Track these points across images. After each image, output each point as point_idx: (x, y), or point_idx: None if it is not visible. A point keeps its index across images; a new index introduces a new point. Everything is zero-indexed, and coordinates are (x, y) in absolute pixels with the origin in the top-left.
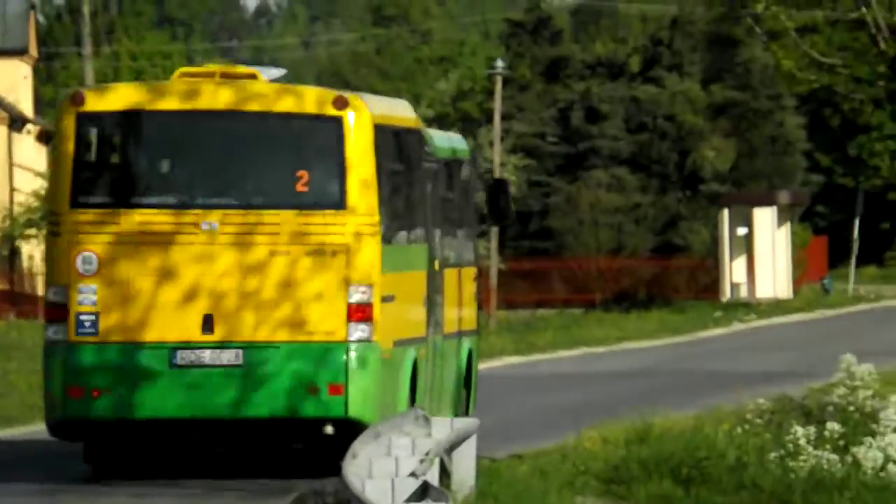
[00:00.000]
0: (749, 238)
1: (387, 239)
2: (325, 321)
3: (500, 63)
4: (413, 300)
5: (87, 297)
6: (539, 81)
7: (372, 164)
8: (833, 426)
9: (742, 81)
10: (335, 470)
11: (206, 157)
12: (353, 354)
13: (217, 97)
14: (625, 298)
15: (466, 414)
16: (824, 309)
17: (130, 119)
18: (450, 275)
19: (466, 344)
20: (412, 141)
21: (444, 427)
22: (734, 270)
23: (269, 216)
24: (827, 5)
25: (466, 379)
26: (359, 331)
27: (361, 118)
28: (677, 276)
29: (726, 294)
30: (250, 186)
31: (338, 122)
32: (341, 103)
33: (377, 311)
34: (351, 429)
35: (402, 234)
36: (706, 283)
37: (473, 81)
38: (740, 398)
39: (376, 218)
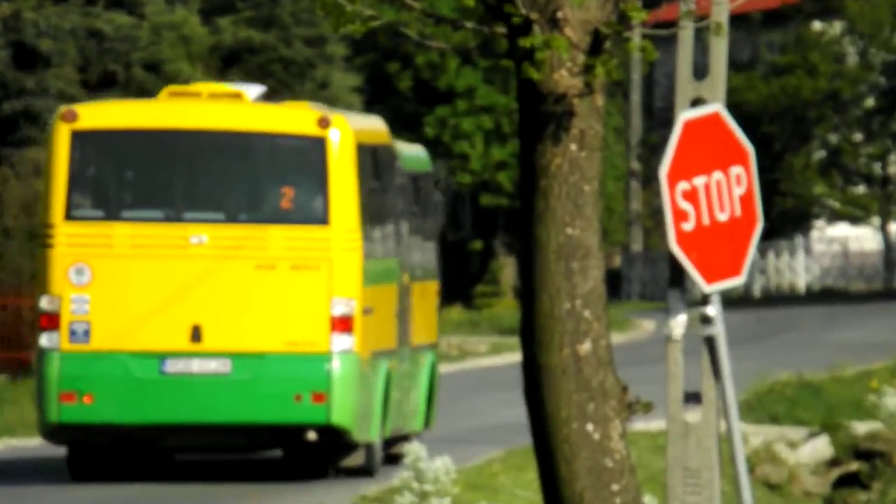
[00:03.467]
0: None
1: (366, 253)
2: (310, 332)
3: None
4: (388, 313)
5: (80, 306)
6: None
7: (354, 181)
8: None
9: (265, 14)
10: (315, 475)
11: (195, 173)
12: (335, 364)
13: (205, 116)
14: None
15: (427, 426)
16: None
17: (122, 137)
18: (416, 288)
19: (430, 356)
20: (387, 157)
21: None
22: None
23: (256, 230)
24: None
25: (430, 391)
26: (341, 342)
27: (344, 137)
28: None
29: None
30: (238, 202)
31: (321, 142)
32: (325, 123)
33: (358, 323)
34: (332, 434)
35: (379, 249)
36: None
37: None
38: None
39: (358, 233)
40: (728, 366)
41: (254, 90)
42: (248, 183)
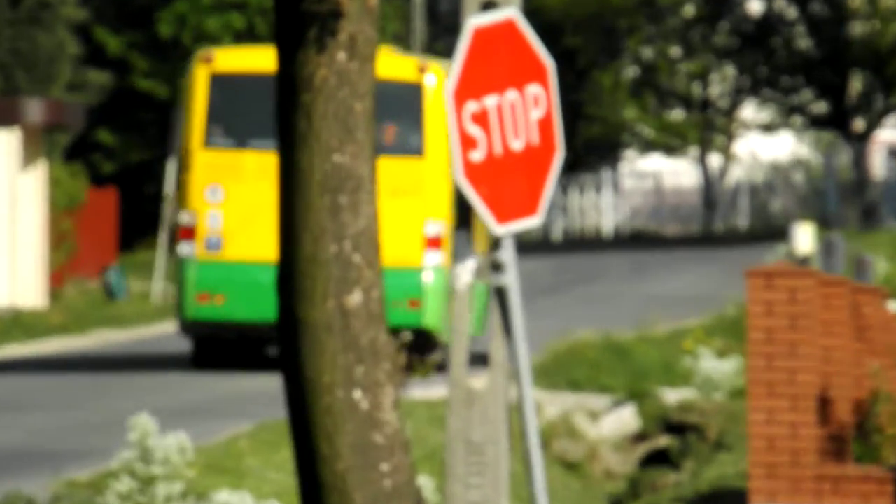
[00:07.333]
0: None
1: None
2: (407, 249)
3: None
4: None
5: (214, 221)
6: None
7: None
8: None
9: None
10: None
11: None
12: (428, 276)
13: None
14: None
15: (482, 332)
16: (109, 328)
17: (251, 78)
18: None
19: None
20: None
21: None
22: None
23: None
24: None
25: (485, 300)
26: (433, 257)
27: (439, 81)
28: None
29: None
30: None
31: (419, 86)
32: (423, 70)
33: (447, 242)
34: (424, 336)
35: None
36: None
37: None
38: None
39: (448, 164)
40: (521, 322)
41: None
42: None
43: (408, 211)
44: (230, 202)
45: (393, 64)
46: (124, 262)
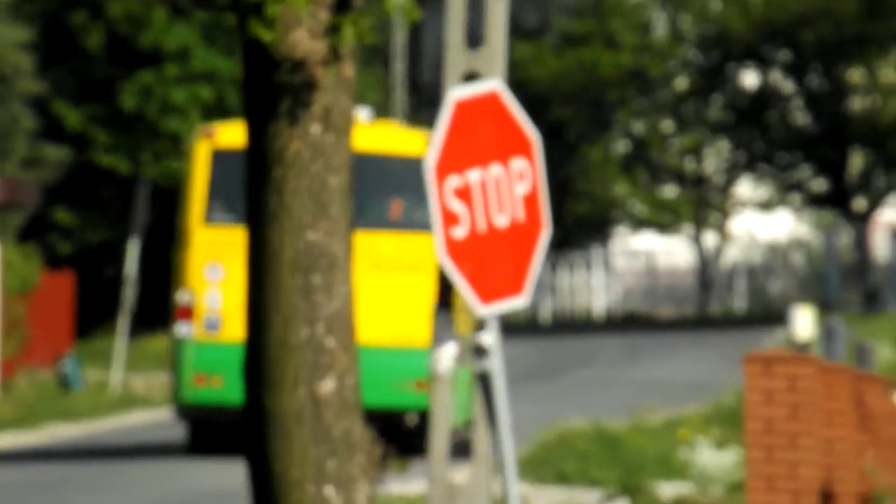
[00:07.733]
0: None
1: None
2: (413, 327)
3: None
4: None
5: (213, 300)
6: None
7: None
8: None
9: None
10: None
11: None
12: None
13: None
14: None
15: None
16: (64, 422)
17: None
18: None
19: None
20: None
21: None
22: None
23: (370, 236)
24: None
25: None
26: None
27: None
28: None
29: None
30: (354, 212)
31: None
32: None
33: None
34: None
35: None
36: None
37: None
38: None
39: None
40: (506, 410)
41: (365, 112)
42: (365, 195)
43: (415, 288)
44: (230, 280)
45: (399, 138)
46: (81, 351)
